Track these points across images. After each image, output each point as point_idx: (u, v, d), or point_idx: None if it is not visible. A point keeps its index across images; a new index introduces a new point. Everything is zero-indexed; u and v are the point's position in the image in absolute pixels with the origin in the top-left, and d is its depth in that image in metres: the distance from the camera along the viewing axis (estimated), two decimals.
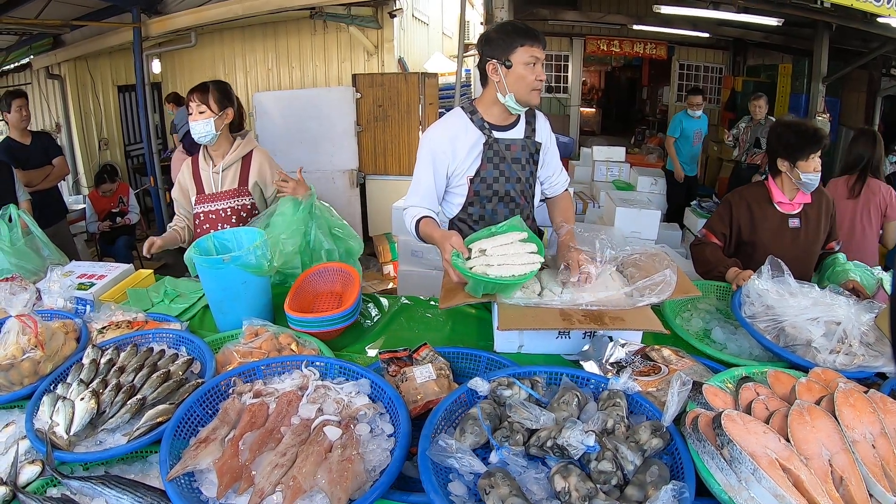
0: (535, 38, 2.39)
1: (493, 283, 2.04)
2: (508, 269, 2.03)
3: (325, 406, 1.60)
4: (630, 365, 1.82)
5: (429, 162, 2.55)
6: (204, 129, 2.99)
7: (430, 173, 2.56)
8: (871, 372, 1.82)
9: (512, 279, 2.02)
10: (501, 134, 2.56)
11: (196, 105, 2.99)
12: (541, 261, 2.10)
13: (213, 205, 3.12)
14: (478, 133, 2.53)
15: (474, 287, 2.11)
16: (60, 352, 1.99)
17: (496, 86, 2.46)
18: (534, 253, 2.11)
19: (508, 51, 2.38)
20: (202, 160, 3.16)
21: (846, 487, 1.22)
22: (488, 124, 2.54)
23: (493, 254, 2.10)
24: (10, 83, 8.95)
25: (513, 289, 2.10)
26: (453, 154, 2.53)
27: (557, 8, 10.58)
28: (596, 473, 1.30)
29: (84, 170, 8.91)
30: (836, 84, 8.27)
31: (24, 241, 3.04)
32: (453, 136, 2.53)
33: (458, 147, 2.53)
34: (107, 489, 1.40)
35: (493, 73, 2.44)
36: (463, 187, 2.61)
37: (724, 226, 2.95)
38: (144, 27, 7.28)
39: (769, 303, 2.11)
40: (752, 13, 7.32)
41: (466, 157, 2.54)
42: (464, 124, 2.55)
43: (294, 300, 2.39)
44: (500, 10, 6.20)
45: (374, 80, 7.62)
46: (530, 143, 2.62)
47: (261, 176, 3.15)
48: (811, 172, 2.76)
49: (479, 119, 2.54)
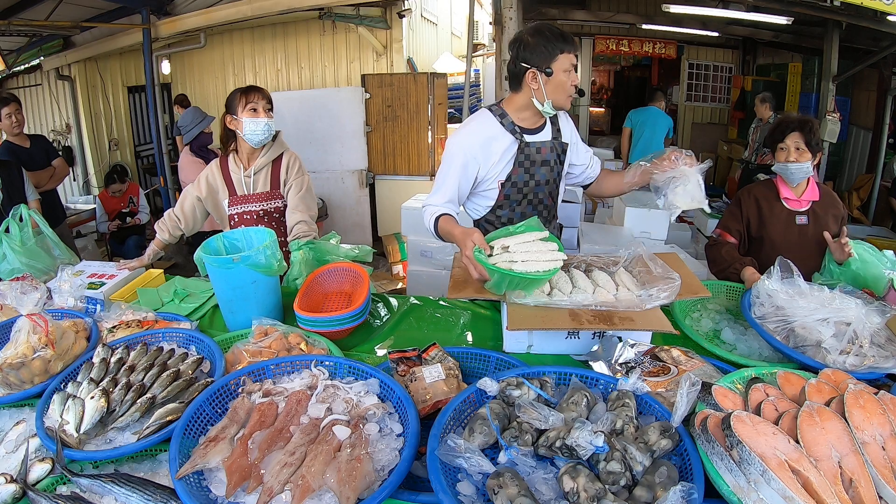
0: (573, 43, 2.39)
1: (518, 279, 2.02)
2: (533, 265, 2.02)
3: (335, 405, 1.61)
4: (639, 365, 1.81)
5: (458, 166, 2.52)
6: (267, 129, 3.04)
7: (457, 177, 2.53)
8: (881, 373, 1.81)
9: (537, 275, 2.01)
10: (532, 137, 2.55)
11: (264, 104, 3.04)
12: (564, 258, 2.10)
13: (246, 206, 3.14)
14: (510, 137, 2.51)
15: (497, 283, 2.10)
16: (71, 351, 2.00)
17: (533, 92, 2.43)
18: (555, 251, 2.10)
19: (549, 59, 2.37)
20: (232, 163, 3.17)
21: (856, 489, 1.21)
22: (519, 128, 2.52)
23: (516, 250, 2.08)
24: (21, 84, 9.02)
25: (536, 285, 2.09)
26: (486, 159, 2.51)
27: (566, 7, 10.56)
28: (605, 474, 1.29)
29: (94, 170, 8.95)
30: (846, 83, 8.22)
31: (34, 241, 3.05)
32: (486, 141, 2.51)
33: (492, 152, 2.51)
34: (116, 487, 1.41)
35: (531, 80, 2.41)
36: (493, 191, 2.60)
37: (738, 223, 2.95)
38: (154, 28, 7.32)
39: (779, 303, 2.10)
40: (761, 12, 7.29)
41: (499, 162, 2.53)
42: (495, 129, 2.52)
43: (303, 300, 2.40)
44: (509, 9, 6.19)
45: (384, 81, 7.65)
46: (557, 144, 2.61)
47: (286, 174, 3.17)
48: (782, 162, 2.80)
49: (509, 123, 2.52)
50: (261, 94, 3.04)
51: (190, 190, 3.23)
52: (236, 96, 3.05)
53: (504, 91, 6.36)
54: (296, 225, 3.07)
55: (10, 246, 2.94)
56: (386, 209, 8.06)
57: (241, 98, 3.02)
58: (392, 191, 7.91)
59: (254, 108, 3.00)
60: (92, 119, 8.84)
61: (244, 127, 3.01)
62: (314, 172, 7.57)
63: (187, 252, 3.09)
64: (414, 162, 7.87)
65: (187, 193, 3.24)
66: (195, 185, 3.21)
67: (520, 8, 6.36)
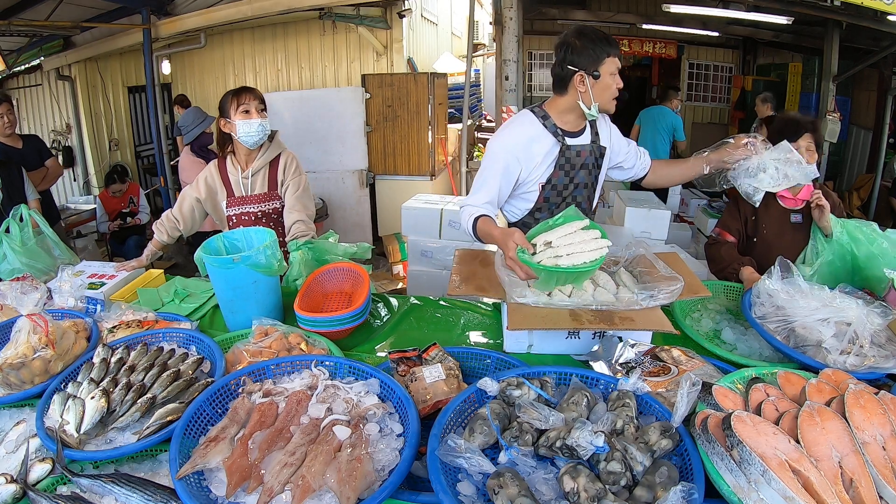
0: (618, 46, 2.39)
1: (566, 273, 2.01)
2: (579, 257, 2.00)
3: (335, 405, 1.61)
4: (639, 365, 1.81)
5: (501, 169, 2.49)
6: (261, 130, 3.04)
7: (499, 180, 2.50)
8: (881, 373, 1.81)
9: (584, 266, 1.99)
10: (573, 140, 2.53)
11: (256, 104, 3.02)
12: (609, 244, 2.07)
13: (244, 207, 3.13)
14: (552, 140, 2.50)
15: (545, 281, 2.07)
16: (71, 351, 2.00)
17: (580, 95, 2.41)
18: (598, 238, 2.07)
19: (597, 62, 2.35)
20: (230, 165, 3.15)
21: (856, 489, 1.21)
22: (561, 130, 2.51)
23: (559, 244, 2.05)
24: (21, 84, 9.02)
25: (585, 276, 2.08)
26: (528, 161, 2.49)
27: (566, 7, 10.57)
28: (605, 474, 1.29)
29: (95, 170, 8.95)
30: (846, 83, 8.21)
31: (35, 241, 3.06)
32: (528, 143, 2.49)
33: (534, 154, 2.49)
34: (116, 487, 1.41)
35: (579, 83, 2.39)
36: (533, 193, 2.58)
37: (737, 221, 2.95)
38: (154, 28, 7.32)
39: (779, 303, 2.10)
40: (761, 12, 7.28)
41: (540, 165, 2.51)
42: (538, 130, 2.51)
43: (304, 300, 2.40)
44: (509, 9, 6.18)
45: (384, 81, 7.65)
46: (596, 148, 2.60)
47: (283, 175, 3.16)
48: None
49: (552, 125, 2.50)
50: (252, 95, 3.03)
51: (189, 191, 3.22)
52: (228, 99, 3.03)
53: (504, 91, 6.36)
54: (293, 224, 3.06)
55: (11, 246, 2.94)
56: (386, 209, 8.07)
57: (233, 100, 3.00)
58: (392, 191, 7.91)
59: (246, 109, 2.99)
60: (92, 119, 8.83)
61: (238, 129, 3.00)
62: (314, 172, 7.61)
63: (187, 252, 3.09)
64: (414, 162, 7.87)
65: (186, 195, 3.22)
66: (194, 186, 3.20)
67: (520, 8, 6.35)
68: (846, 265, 2.61)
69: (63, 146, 8.94)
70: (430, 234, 5.06)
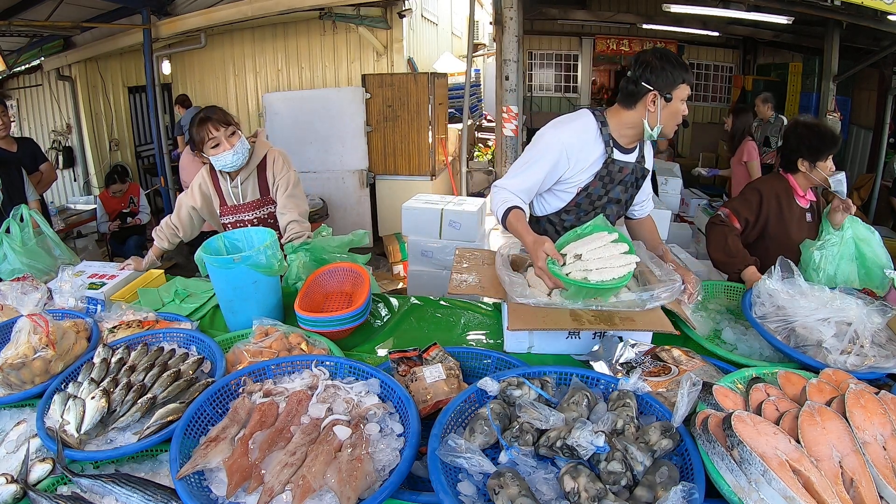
0: (692, 75, 2.38)
1: (595, 289, 2.01)
2: (608, 272, 2.01)
3: (335, 405, 1.61)
4: (640, 365, 1.81)
5: (551, 161, 2.45)
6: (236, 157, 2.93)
7: (546, 171, 2.46)
8: (882, 373, 1.81)
9: (612, 283, 2.00)
10: (621, 156, 2.51)
11: (224, 132, 2.90)
12: (637, 260, 2.08)
13: (238, 216, 3.11)
14: (602, 149, 2.47)
15: (574, 294, 2.07)
16: (71, 351, 2.00)
17: (648, 114, 2.39)
18: (627, 253, 2.09)
19: (672, 85, 2.33)
20: (219, 173, 3.10)
21: (856, 489, 1.21)
22: (613, 142, 2.48)
23: (589, 258, 2.06)
24: (21, 84, 9.04)
25: (612, 293, 2.07)
26: (576, 163, 2.46)
27: (567, 7, 10.58)
28: (605, 474, 1.29)
29: (95, 170, 8.96)
30: (846, 82, 8.22)
31: (35, 241, 3.06)
32: (582, 146, 2.46)
33: (583, 158, 2.47)
34: (117, 487, 1.41)
35: (650, 103, 2.36)
36: (568, 194, 2.56)
37: (751, 213, 2.91)
38: (154, 29, 7.33)
39: (780, 303, 2.10)
40: (762, 11, 7.29)
41: (586, 170, 2.49)
42: (593, 136, 2.48)
43: (304, 300, 2.40)
44: (509, 9, 6.19)
45: (384, 81, 7.66)
46: (639, 169, 2.59)
47: (272, 177, 3.12)
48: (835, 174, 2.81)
49: (607, 134, 2.47)
50: (215, 124, 2.88)
51: (185, 199, 3.19)
52: (194, 132, 2.94)
53: (505, 91, 6.37)
54: (288, 225, 3.04)
55: (11, 246, 2.94)
56: (386, 209, 8.07)
57: (199, 134, 2.90)
58: (392, 191, 7.92)
59: (215, 143, 2.90)
60: (92, 119, 8.84)
61: (215, 164, 2.97)
62: (314, 172, 7.61)
63: (188, 252, 3.08)
64: (414, 162, 7.88)
65: (183, 202, 3.19)
66: (189, 194, 3.18)
67: (520, 8, 6.36)
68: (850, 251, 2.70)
69: (63, 146, 8.96)
70: (431, 234, 5.06)
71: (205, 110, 2.98)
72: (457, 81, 10.42)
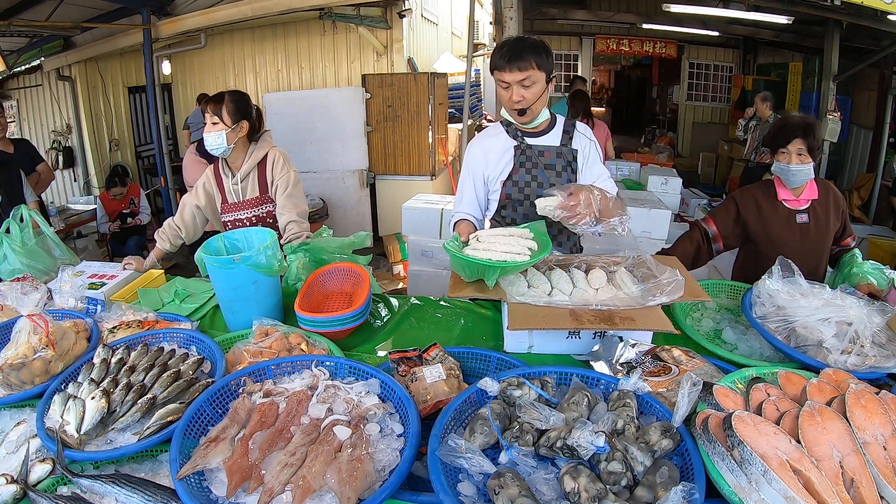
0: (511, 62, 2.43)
1: (466, 262, 2.12)
2: (489, 254, 2.11)
3: (335, 406, 1.61)
4: (640, 365, 1.81)
5: (470, 166, 2.73)
6: (216, 141, 2.98)
7: (472, 178, 2.73)
8: (882, 373, 1.81)
9: (486, 261, 2.07)
10: (536, 140, 2.65)
11: (210, 116, 2.98)
12: (524, 255, 2.13)
13: (237, 214, 3.13)
14: (510, 137, 2.65)
15: (455, 266, 2.24)
16: (71, 351, 2.00)
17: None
18: (529, 249, 2.16)
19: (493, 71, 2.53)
20: (221, 170, 3.16)
21: (857, 489, 1.21)
22: (521, 132, 2.66)
23: (484, 240, 2.21)
24: (21, 85, 9.04)
25: (492, 273, 2.13)
26: (491, 155, 2.67)
27: (567, 7, 10.58)
28: (605, 474, 1.29)
29: (95, 171, 8.96)
30: (846, 82, 8.22)
31: (35, 242, 3.06)
32: (487, 141, 2.71)
33: (495, 149, 2.66)
34: (117, 488, 1.41)
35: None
36: (497, 192, 2.69)
37: (728, 216, 2.95)
38: (154, 29, 7.33)
39: (780, 303, 2.10)
40: (762, 11, 7.31)
41: (499, 162, 2.66)
42: (498, 131, 2.71)
43: (304, 300, 2.40)
44: (509, 9, 6.19)
45: (384, 81, 7.65)
46: (567, 151, 2.66)
47: (272, 176, 3.13)
48: (783, 163, 2.76)
49: (513, 129, 2.67)
50: (211, 106, 3.00)
51: (189, 199, 3.22)
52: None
53: None
54: (287, 225, 3.06)
55: (11, 246, 2.94)
56: (386, 209, 8.07)
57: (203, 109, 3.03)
58: (393, 191, 7.92)
59: (210, 121, 3.00)
60: (92, 119, 8.84)
61: (205, 140, 3.04)
62: (314, 172, 7.61)
63: (188, 252, 3.08)
64: (414, 162, 7.88)
65: (186, 202, 3.22)
66: (193, 194, 3.20)
67: (520, 8, 6.36)
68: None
69: (63, 146, 8.96)
70: (431, 234, 5.07)
71: (223, 92, 3.08)
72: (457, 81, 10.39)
